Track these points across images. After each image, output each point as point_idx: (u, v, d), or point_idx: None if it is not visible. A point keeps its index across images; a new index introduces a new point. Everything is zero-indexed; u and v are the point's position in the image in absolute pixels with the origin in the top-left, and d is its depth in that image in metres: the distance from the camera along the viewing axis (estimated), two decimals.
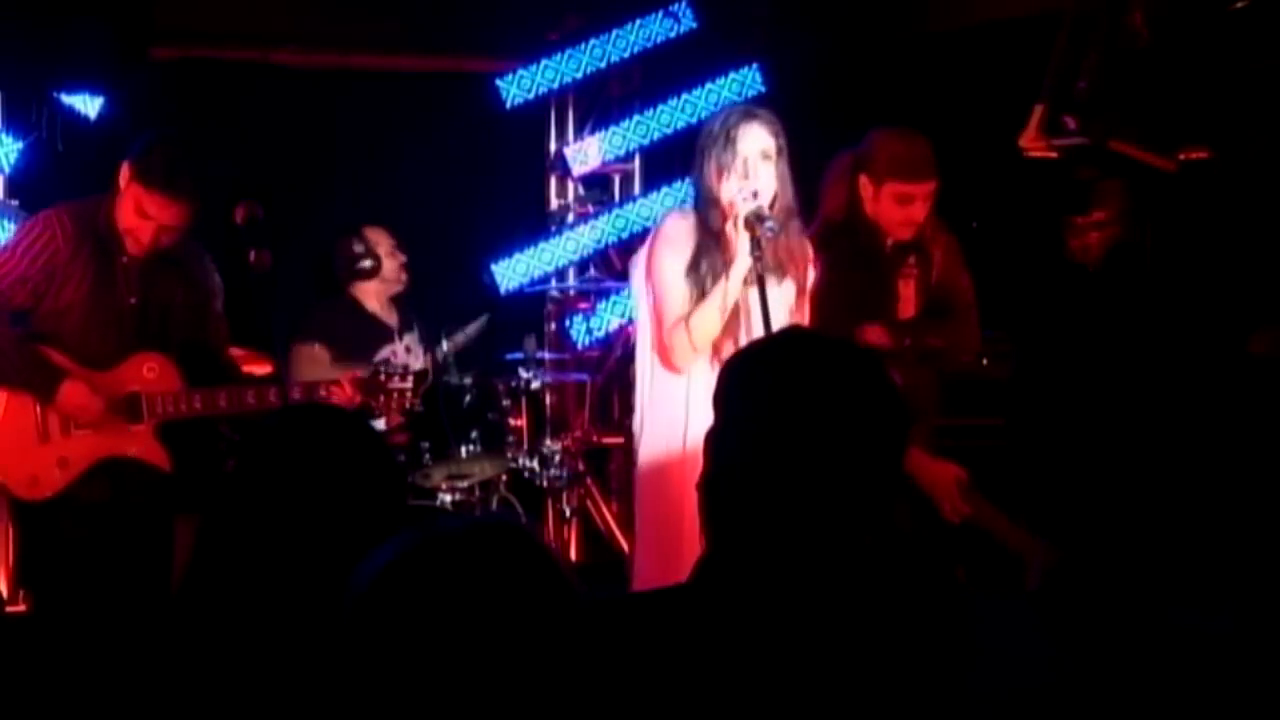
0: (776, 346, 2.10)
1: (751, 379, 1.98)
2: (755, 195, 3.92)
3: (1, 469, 4.34)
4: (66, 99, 5.66)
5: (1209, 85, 5.43)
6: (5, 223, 5.47)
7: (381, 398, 4.57)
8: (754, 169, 3.97)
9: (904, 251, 4.51)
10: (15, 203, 5.64)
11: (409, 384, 4.58)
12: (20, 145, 5.61)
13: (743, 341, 3.99)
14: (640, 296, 4.14)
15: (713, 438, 1.97)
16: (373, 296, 6.19)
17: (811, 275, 4.18)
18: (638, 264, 4.15)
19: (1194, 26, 5.49)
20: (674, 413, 4.01)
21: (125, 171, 4.29)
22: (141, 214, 4.28)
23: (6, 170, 5.62)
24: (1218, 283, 5.20)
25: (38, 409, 4.30)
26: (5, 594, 5.58)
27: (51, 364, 4.27)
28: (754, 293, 3.85)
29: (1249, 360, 4.89)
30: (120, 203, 4.32)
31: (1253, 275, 5.12)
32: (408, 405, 4.69)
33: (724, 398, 2.00)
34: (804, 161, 6.83)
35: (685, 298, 3.98)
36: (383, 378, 4.57)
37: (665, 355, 4.03)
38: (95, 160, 5.86)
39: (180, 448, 4.50)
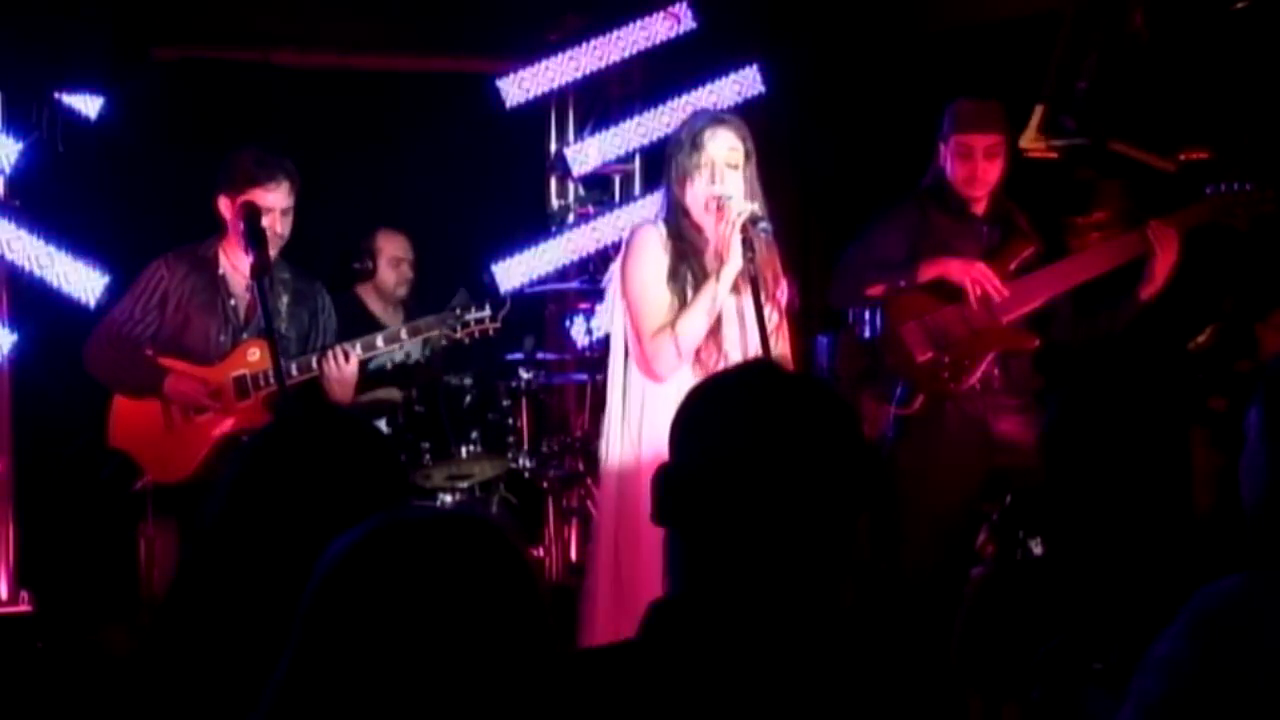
0: (743, 381, 1.94)
1: (717, 414, 1.86)
2: (723, 194, 3.93)
3: (145, 459, 4.80)
4: (66, 99, 5.65)
5: (1209, 85, 5.43)
6: (4, 223, 5.47)
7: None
8: (721, 174, 3.96)
9: None
10: (16, 203, 5.64)
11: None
12: (20, 145, 5.60)
13: (725, 346, 4.00)
14: (616, 310, 4.13)
15: (668, 473, 1.86)
16: (375, 298, 6.20)
17: (785, 289, 4.16)
18: (612, 278, 4.14)
19: (1194, 26, 5.49)
20: (665, 419, 3.99)
21: (225, 202, 4.70)
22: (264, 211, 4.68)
23: (6, 170, 5.61)
24: (1218, 282, 5.21)
25: (161, 405, 4.77)
26: (5, 594, 5.59)
27: (157, 365, 4.75)
28: (731, 298, 3.92)
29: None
30: (246, 224, 4.61)
31: (1252, 275, 5.13)
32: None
33: (684, 429, 1.88)
34: (804, 161, 6.88)
35: (665, 306, 3.98)
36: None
37: (646, 366, 4.02)
38: (95, 160, 5.87)
39: None
